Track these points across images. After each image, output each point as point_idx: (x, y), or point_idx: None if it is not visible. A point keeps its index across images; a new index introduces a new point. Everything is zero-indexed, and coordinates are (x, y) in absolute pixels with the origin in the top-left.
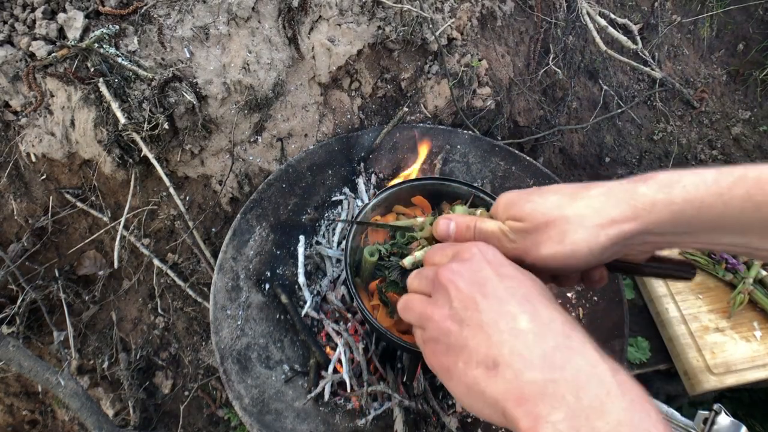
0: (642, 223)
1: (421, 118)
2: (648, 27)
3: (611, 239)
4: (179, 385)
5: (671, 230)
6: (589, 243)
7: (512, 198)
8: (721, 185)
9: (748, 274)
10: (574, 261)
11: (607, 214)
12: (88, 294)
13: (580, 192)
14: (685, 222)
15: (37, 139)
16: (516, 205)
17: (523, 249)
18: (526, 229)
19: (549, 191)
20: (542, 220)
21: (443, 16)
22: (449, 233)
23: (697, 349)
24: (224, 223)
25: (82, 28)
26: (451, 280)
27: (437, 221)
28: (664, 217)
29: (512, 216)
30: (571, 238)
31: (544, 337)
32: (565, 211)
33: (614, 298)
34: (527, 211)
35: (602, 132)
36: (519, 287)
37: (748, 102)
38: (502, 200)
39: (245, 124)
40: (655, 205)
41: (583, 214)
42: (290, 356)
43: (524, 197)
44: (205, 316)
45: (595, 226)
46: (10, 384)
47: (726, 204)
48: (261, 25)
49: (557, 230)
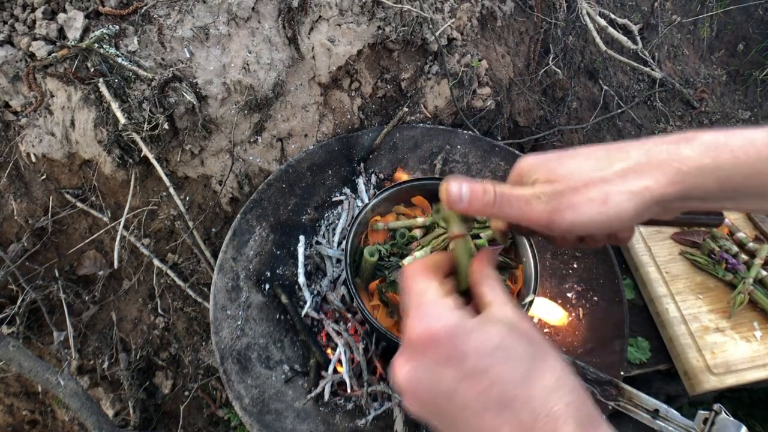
0: (686, 187)
1: (421, 118)
2: (648, 27)
3: (655, 199)
4: (179, 385)
5: (715, 196)
6: (634, 203)
7: (537, 161)
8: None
9: (748, 274)
10: (618, 223)
11: (650, 176)
12: (88, 294)
13: (617, 154)
14: (731, 188)
15: (37, 139)
16: (545, 166)
17: (558, 211)
18: (561, 191)
19: (580, 154)
20: (580, 180)
21: (443, 16)
22: (462, 199)
23: (697, 349)
24: (224, 223)
25: (82, 28)
26: (412, 393)
27: (447, 184)
28: (709, 184)
29: (543, 178)
30: (615, 200)
31: None
32: (605, 173)
33: (614, 298)
34: (562, 173)
35: (602, 132)
36: (491, 389)
37: (748, 102)
38: (524, 164)
39: (245, 124)
40: (701, 170)
41: (624, 176)
42: (290, 356)
43: (554, 159)
44: (205, 316)
45: (640, 189)
46: (10, 384)
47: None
48: (261, 25)
49: (599, 192)
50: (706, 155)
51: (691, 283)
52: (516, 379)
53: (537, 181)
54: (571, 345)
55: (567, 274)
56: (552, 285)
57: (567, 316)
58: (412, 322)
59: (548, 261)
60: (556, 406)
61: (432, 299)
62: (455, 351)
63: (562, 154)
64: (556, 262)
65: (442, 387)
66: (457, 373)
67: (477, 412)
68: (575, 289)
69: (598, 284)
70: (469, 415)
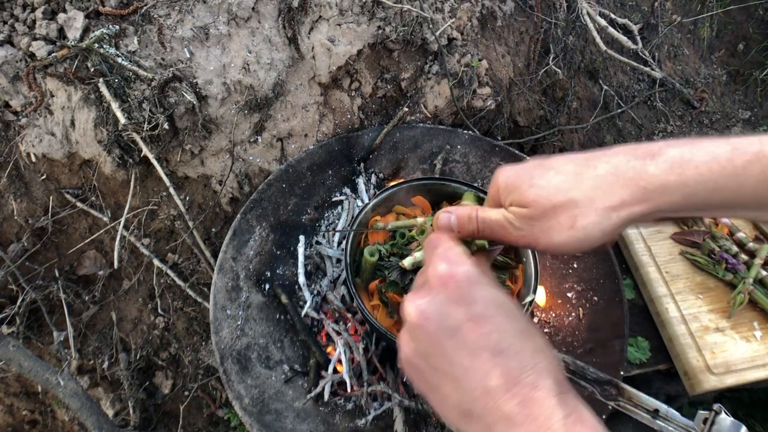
0: (653, 204)
1: (421, 118)
2: (648, 27)
3: (623, 220)
4: (179, 385)
5: (683, 209)
6: (601, 226)
7: (511, 179)
8: (735, 164)
9: (748, 274)
10: (588, 243)
11: (617, 196)
12: (88, 294)
13: (585, 171)
14: (698, 202)
15: (37, 139)
16: (518, 189)
17: (532, 236)
18: (532, 215)
19: (550, 168)
20: (549, 205)
21: (443, 16)
22: (451, 227)
23: (697, 349)
24: (224, 223)
25: (82, 28)
26: (419, 325)
27: (437, 215)
28: (675, 199)
29: (515, 202)
30: (582, 222)
31: (513, 393)
32: (572, 195)
33: (614, 298)
34: (531, 198)
35: (602, 132)
36: (491, 333)
37: (748, 102)
38: (501, 180)
39: (245, 124)
40: (666, 188)
41: (591, 196)
42: (290, 356)
43: (525, 179)
44: (205, 316)
45: (606, 209)
46: (10, 384)
47: (741, 185)
48: (261, 25)
49: (566, 215)
50: (671, 172)
51: (691, 283)
52: (513, 332)
53: (512, 203)
54: (571, 345)
55: (567, 274)
56: (552, 285)
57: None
58: (434, 263)
59: (548, 261)
60: (541, 363)
61: (458, 251)
62: (468, 294)
63: (534, 169)
64: (556, 262)
65: (449, 322)
66: (465, 313)
67: (474, 351)
68: (575, 289)
69: (598, 284)
70: (465, 354)
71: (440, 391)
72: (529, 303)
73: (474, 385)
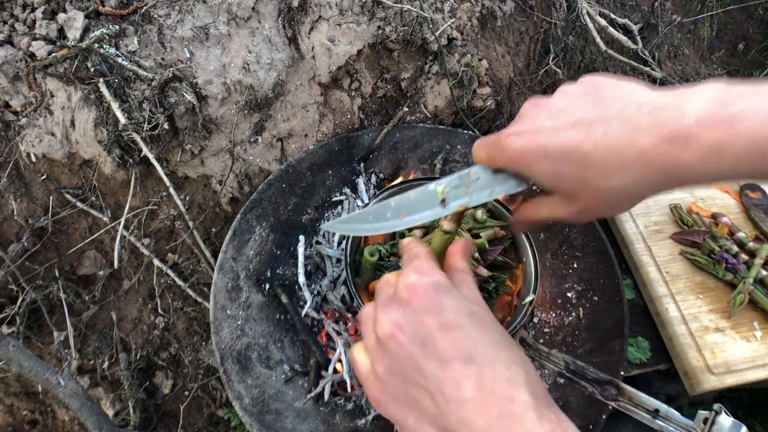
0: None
1: (421, 118)
2: (648, 27)
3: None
4: (179, 385)
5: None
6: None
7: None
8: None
9: (748, 274)
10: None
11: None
12: (88, 294)
13: (613, 167)
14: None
15: (37, 139)
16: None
17: (519, 134)
18: (519, 123)
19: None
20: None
21: (443, 16)
22: (479, 147)
23: (697, 349)
24: (224, 223)
25: (82, 28)
26: (392, 336)
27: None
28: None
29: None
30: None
31: (488, 406)
32: (602, 183)
33: (614, 298)
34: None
35: None
36: (462, 341)
37: None
38: (510, 151)
39: (245, 124)
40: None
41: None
42: (290, 356)
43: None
44: (205, 316)
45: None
46: (10, 384)
47: None
48: (261, 25)
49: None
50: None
51: (691, 283)
52: (487, 341)
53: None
54: (571, 345)
55: (567, 274)
56: (552, 285)
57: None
58: (405, 274)
59: (548, 261)
60: (517, 375)
61: (431, 264)
62: (436, 302)
63: (547, 97)
64: (556, 262)
65: (421, 332)
66: (436, 322)
67: (445, 359)
68: (575, 289)
69: (598, 284)
70: (437, 363)
71: (418, 407)
72: (529, 303)
73: (448, 397)
